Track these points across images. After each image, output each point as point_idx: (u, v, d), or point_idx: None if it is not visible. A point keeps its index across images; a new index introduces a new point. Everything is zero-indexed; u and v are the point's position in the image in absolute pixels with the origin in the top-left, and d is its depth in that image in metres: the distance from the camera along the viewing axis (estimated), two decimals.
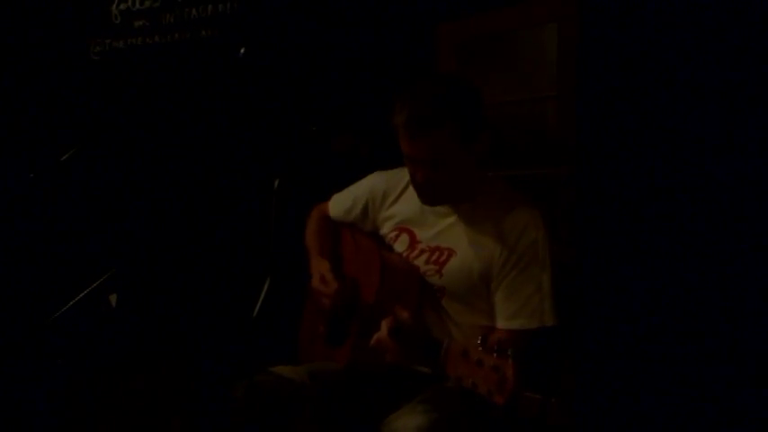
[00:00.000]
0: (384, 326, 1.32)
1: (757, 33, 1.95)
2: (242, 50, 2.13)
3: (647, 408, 2.14)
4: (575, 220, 2.30)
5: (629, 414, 2.18)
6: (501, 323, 1.47)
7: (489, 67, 2.75)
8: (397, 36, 2.68)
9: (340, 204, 1.84)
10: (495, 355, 1.11)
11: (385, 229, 1.70)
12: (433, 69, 2.61)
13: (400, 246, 1.64)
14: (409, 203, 1.67)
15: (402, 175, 1.69)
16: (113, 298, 2.84)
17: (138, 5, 3.28)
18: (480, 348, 1.13)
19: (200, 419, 2.38)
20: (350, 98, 2.75)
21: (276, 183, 1.62)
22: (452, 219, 1.57)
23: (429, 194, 1.54)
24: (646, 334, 2.14)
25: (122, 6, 3.32)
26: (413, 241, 1.62)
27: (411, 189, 1.65)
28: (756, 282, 1.95)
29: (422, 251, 1.59)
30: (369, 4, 2.74)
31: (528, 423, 1.62)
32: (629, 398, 2.17)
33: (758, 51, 1.95)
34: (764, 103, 1.94)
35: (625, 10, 2.17)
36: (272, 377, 1.52)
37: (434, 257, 1.56)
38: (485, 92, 1.58)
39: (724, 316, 2.00)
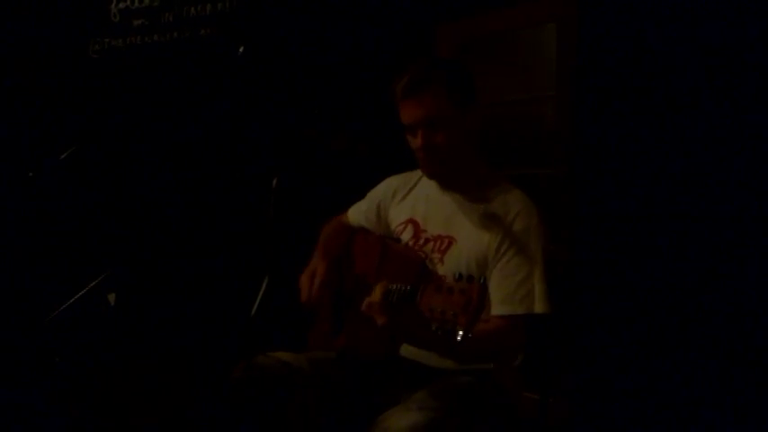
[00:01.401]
0: (377, 289, 1.34)
1: (756, 34, 1.95)
2: (241, 49, 2.13)
3: (646, 407, 2.14)
4: (573, 219, 2.30)
5: (628, 413, 2.18)
6: (492, 309, 1.48)
7: (489, 68, 2.75)
8: (397, 36, 2.68)
9: (357, 208, 1.90)
10: (464, 281, 1.15)
11: (393, 225, 1.76)
12: None
13: (406, 236, 1.68)
14: (417, 198, 1.73)
15: (412, 175, 1.77)
16: (112, 297, 2.84)
17: (137, 4, 3.28)
18: (455, 280, 1.17)
19: (198, 416, 2.38)
20: (349, 97, 2.75)
21: (274, 181, 1.62)
22: (454, 208, 1.62)
23: (430, 162, 1.59)
24: (645, 333, 2.14)
25: (121, 5, 3.32)
26: (417, 231, 1.66)
27: (420, 186, 1.73)
28: (754, 279, 1.95)
29: (426, 240, 1.63)
30: (369, 4, 2.74)
31: (527, 423, 1.62)
32: (629, 397, 2.17)
33: (757, 52, 1.95)
34: (763, 103, 1.94)
35: (624, 11, 2.17)
36: (270, 360, 1.55)
37: (437, 245, 1.60)
38: (485, 92, 1.61)
39: (723, 314, 2.00)
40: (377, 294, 1.33)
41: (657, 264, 2.12)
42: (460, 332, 1.11)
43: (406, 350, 1.62)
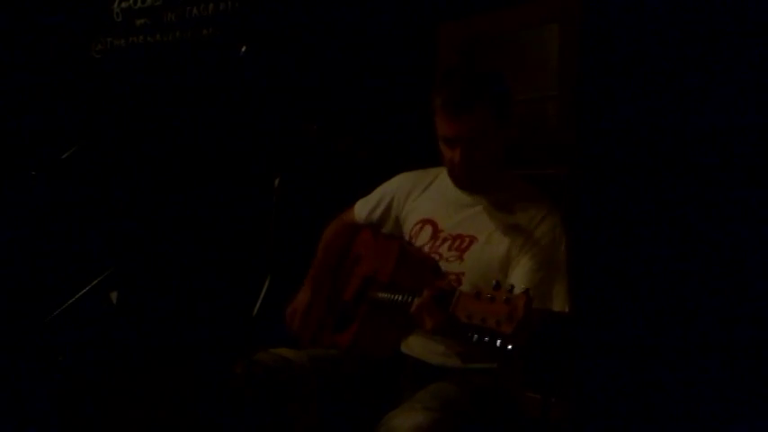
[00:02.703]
0: (426, 293, 1.34)
1: (758, 34, 1.95)
2: (243, 49, 2.13)
3: (647, 407, 2.14)
4: (575, 220, 2.30)
5: (629, 414, 2.18)
6: None
7: (491, 67, 2.74)
8: (398, 36, 2.68)
9: (365, 204, 1.89)
10: (507, 290, 1.16)
11: (408, 224, 1.75)
12: (434, 69, 2.61)
13: (423, 236, 1.67)
14: (433, 198, 1.72)
15: (427, 174, 1.77)
16: (114, 296, 2.85)
17: (139, 4, 3.28)
18: (493, 289, 1.18)
19: (200, 413, 2.39)
20: (350, 97, 2.76)
21: (276, 181, 1.63)
22: (475, 209, 1.62)
23: (465, 176, 1.59)
24: (646, 334, 2.14)
25: (124, 5, 3.32)
26: (435, 231, 1.66)
27: (436, 185, 1.72)
28: (756, 279, 1.95)
29: (444, 239, 1.63)
30: (370, 4, 2.74)
31: (528, 423, 1.63)
32: (629, 397, 2.17)
33: (759, 52, 1.95)
34: (766, 103, 1.94)
35: (626, 10, 2.17)
36: (272, 356, 1.56)
37: (456, 244, 1.60)
38: None
39: (724, 315, 2.00)
40: (426, 297, 1.33)
41: (660, 264, 2.12)
42: (499, 341, 1.12)
43: (409, 348, 1.63)
